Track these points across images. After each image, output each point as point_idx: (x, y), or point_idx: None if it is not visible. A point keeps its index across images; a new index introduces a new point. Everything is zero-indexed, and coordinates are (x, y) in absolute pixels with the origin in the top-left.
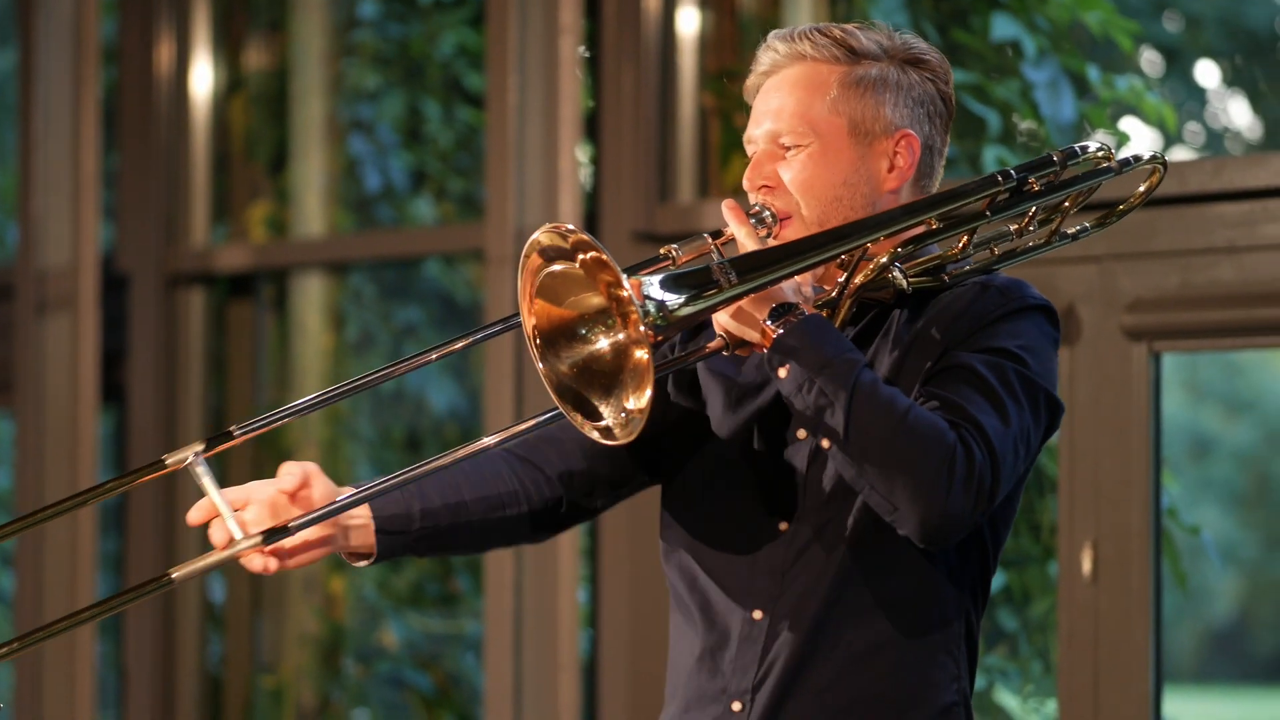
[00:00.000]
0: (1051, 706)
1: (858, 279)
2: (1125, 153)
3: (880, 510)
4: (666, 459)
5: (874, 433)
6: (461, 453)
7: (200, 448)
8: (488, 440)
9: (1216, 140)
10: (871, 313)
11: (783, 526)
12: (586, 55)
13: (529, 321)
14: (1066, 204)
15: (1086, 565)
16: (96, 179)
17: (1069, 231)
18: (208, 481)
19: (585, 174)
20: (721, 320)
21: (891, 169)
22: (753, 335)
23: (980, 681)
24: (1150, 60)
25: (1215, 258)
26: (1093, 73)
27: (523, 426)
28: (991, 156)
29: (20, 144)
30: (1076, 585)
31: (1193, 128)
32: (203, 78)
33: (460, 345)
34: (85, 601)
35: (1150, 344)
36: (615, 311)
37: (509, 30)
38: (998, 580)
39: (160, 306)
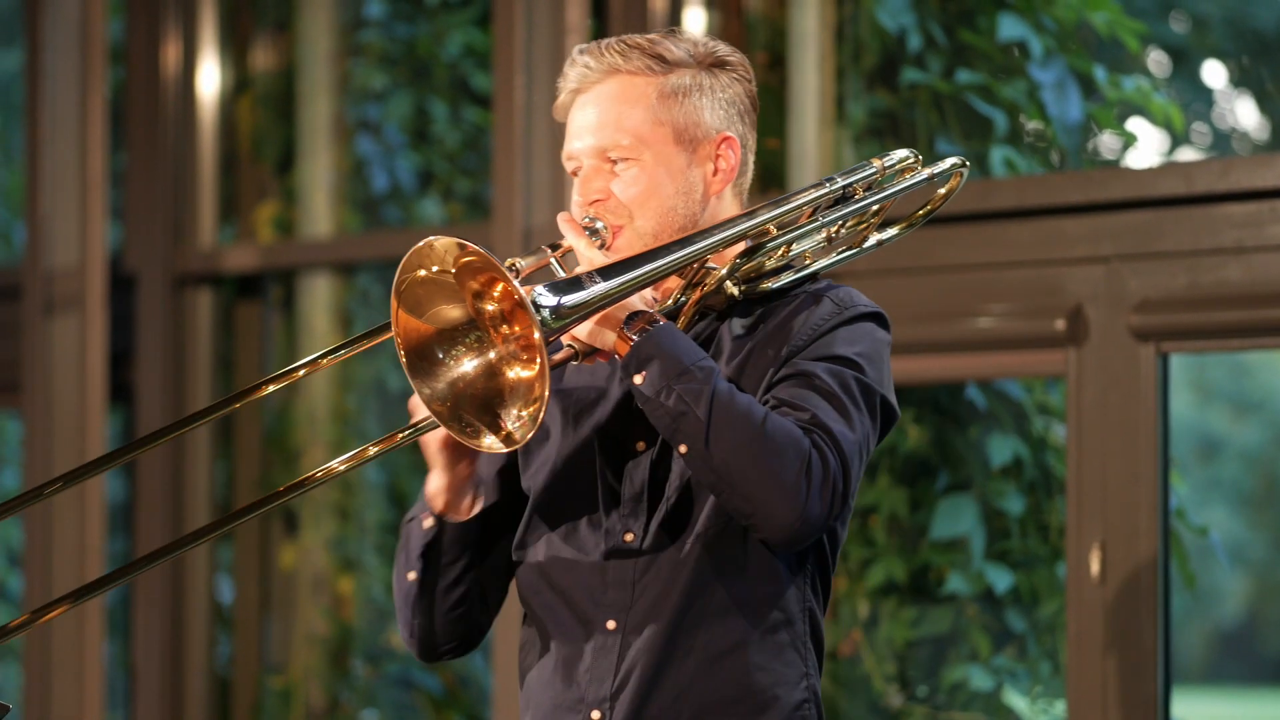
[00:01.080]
0: (1060, 707)
1: (702, 288)
2: (1133, 153)
3: (738, 515)
4: (514, 477)
5: (734, 439)
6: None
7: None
8: (372, 450)
9: (1224, 141)
10: (702, 321)
11: (628, 537)
12: None
13: (396, 332)
14: (878, 210)
15: (1095, 566)
16: (104, 179)
17: (875, 238)
18: None
19: None
20: (577, 330)
21: (716, 172)
22: (608, 341)
23: (989, 682)
24: (1157, 60)
25: (1223, 258)
26: (1099, 73)
27: (399, 438)
28: (999, 157)
29: (27, 144)
30: (1085, 586)
31: (1200, 128)
32: (210, 78)
33: (334, 359)
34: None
35: (1158, 345)
36: (497, 320)
37: (516, 30)
38: (1006, 581)
39: (168, 307)
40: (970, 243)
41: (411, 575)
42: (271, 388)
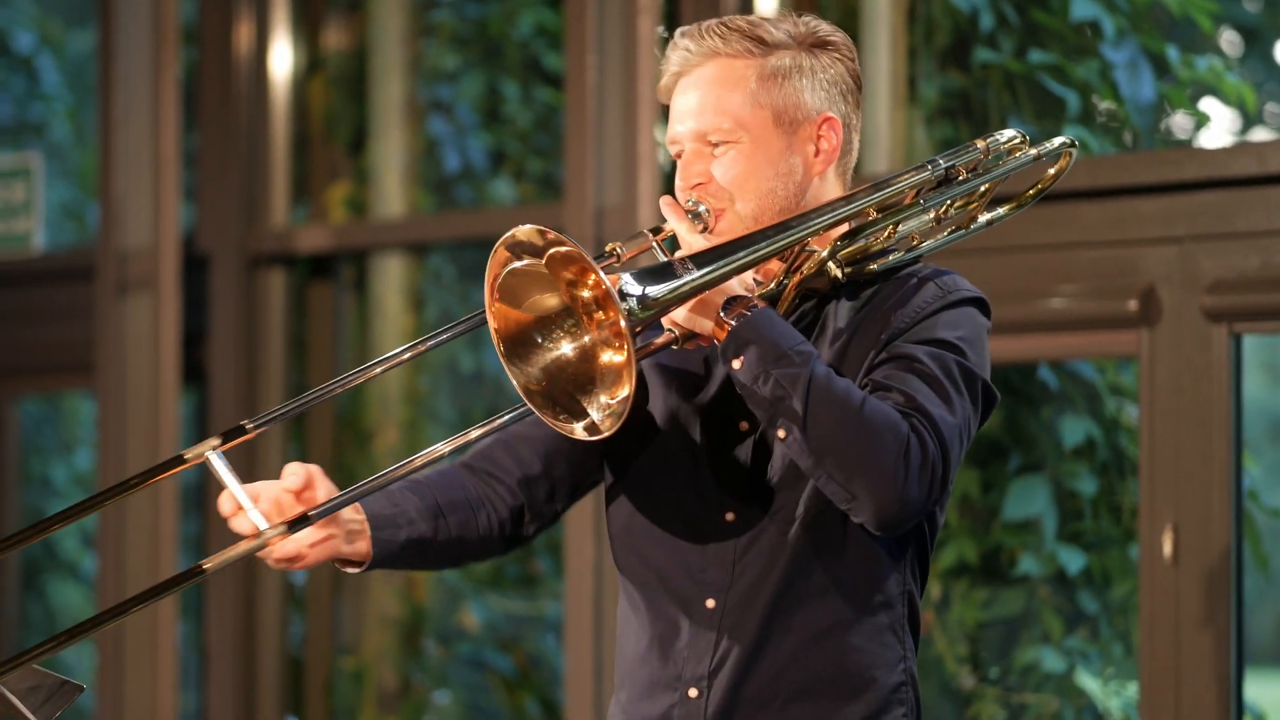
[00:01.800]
0: (1133, 689)
1: (801, 271)
2: (1206, 133)
3: (836, 499)
4: (615, 454)
5: (831, 423)
6: (418, 460)
7: (217, 443)
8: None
9: None
10: (806, 304)
11: (729, 516)
12: (665, 35)
13: (492, 324)
14: (985, 190)
15: (1167, 548)
16: (177, 160)
17: (985, 218)
18: (227, 476)
19: (664, 154)
20: (675, 314)
21: (818, 154)
22: (705, 327)
23: (1061, 664)
24: (1230, 40)
25: None
26: (1172, 53)
27: (497, 423)
28: (1071, 137)
29: (101, 125)
30: (1157, 568)
31: (1272, 108)
32: (282, 58)
33: (425, 347)
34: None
35: (1230, 325)
36: (590, 307)
37: (587, 10)
38: (1078, 562)
39: (241, 287)
40: (1043, 223)
41: None
42: (380, 369)
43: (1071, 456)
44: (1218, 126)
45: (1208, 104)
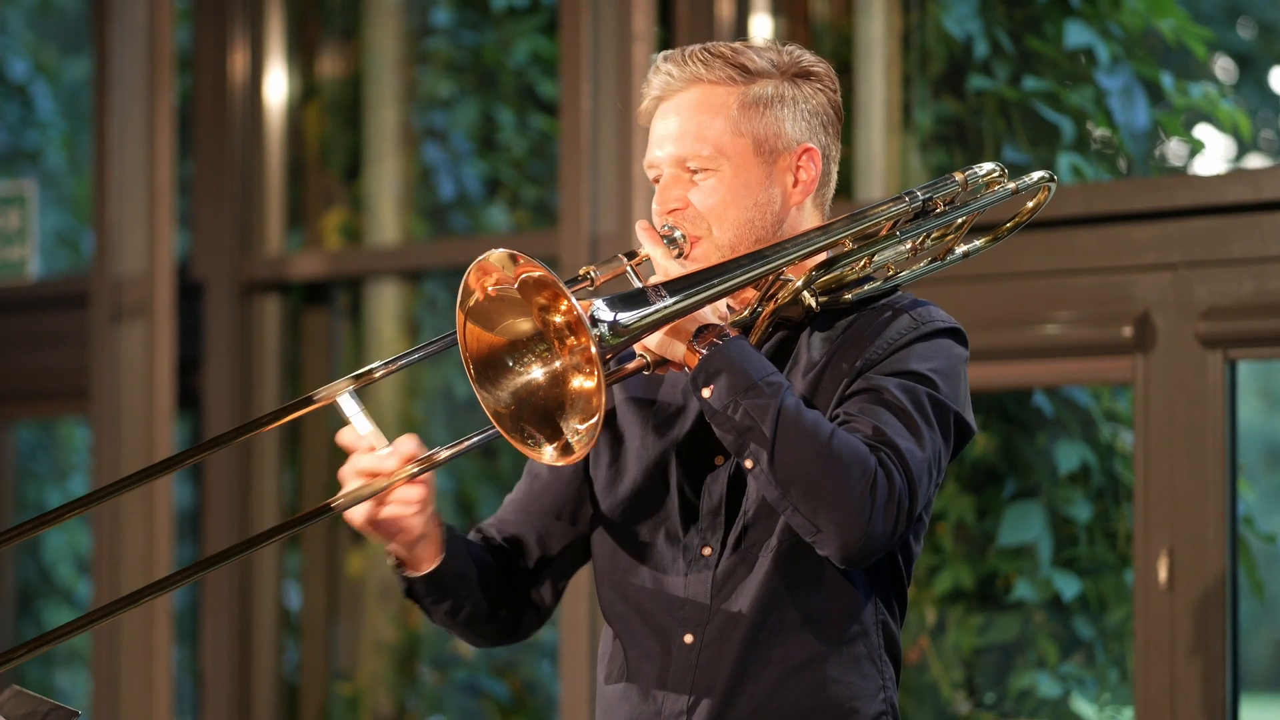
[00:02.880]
0: (1128, 715)
1: (776, 300)
2: (1200, 160)
3: (802, 531)
4: (590, 493)
5: (799, 456)
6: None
7: (350, 384)
8: (443, 453)
9: None
10: (780, 333)
11: (706, 551)
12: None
13: (463, 346)
14: (963, 223)
15: (1162, 573)
16: (171, 187)
17: (961, 250)
18: (359, 417)
19: None
20: (647, 341)
21: (796, 184)
22: (677, 354)
23: (1056, 689)
24: (1224, 67)
25: None
26: (1166, 80)
27: (465, 444)
28: (1066, 163)
29: (95, 152)
30: (1152, 593)
31: (1267, 135)
32: (277, 86)
33: (396, 366)
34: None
35: (1225, 351)
36: (562, 332)
37: (582, 37)
38: (1074, 588)
39: (235, 314)
40: (1037, 250)
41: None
42: (349, 386)
43: (1066, 482)
44: (1212, 153)
45: (1202, 131)
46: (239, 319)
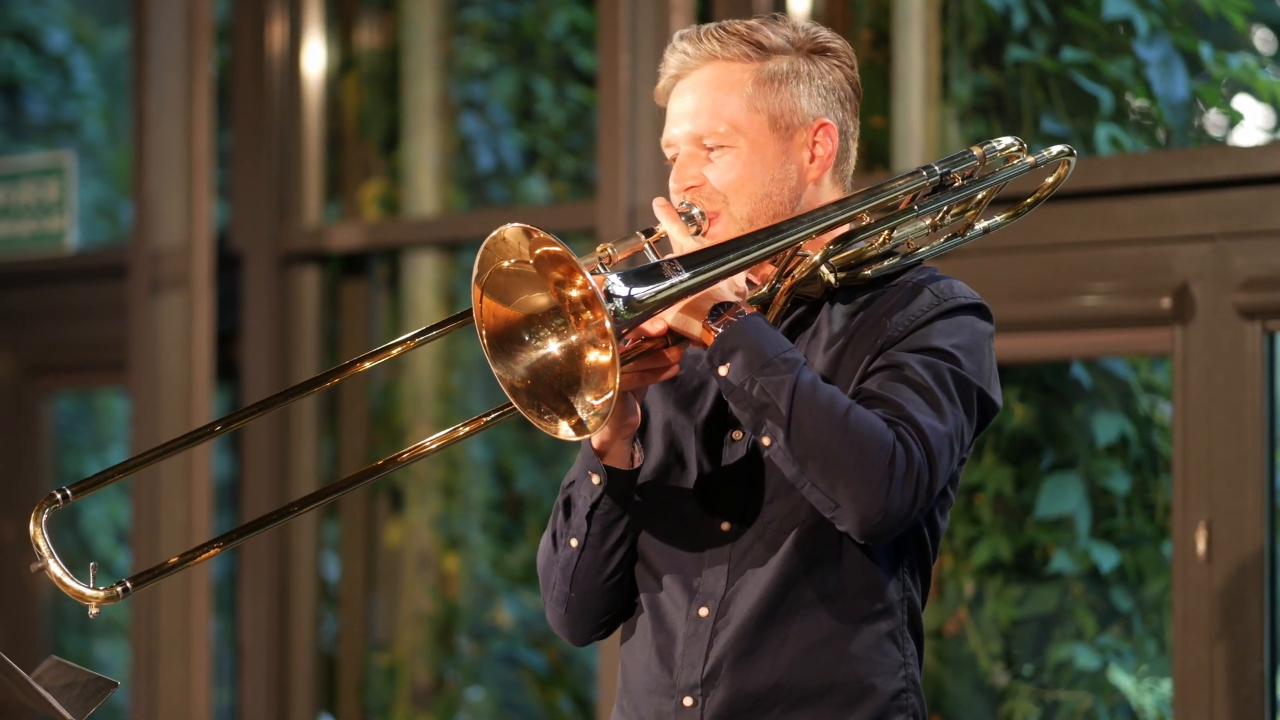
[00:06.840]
0: (1166, 686)
1: (794, 275)
2: (1239, 131)
3: (821, 507)
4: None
5: (815, 432)
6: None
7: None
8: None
9: None
10: (799, 309)
11: (725, 526)
12: None
13: (479, 321)
14: (982, 197)
15: (1201, 545)
16: (210, 158)
17: (982, 225)
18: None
19: None
20: (664, 316)
21: (813, 159)
22: (693, 331)
23: (1095, 661)
24: (1263, 38)
25: None
26: (1205, 51)
27: (484, 421)
28: (1104, 135)
29: (134, 124)
30: (1191, 565)
31: None
32: (315, 57)
33: (414, 343)
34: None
35: (1264, 323)
36: (578, 307)
37: (621, 8)
38: (1112, 560)
39: (273, 285)
40: (1076, 221)
41: (574, 541)
42: (368, 364)
43: (1105, 454)
44: (1251, 124)
45: (1241, 102)
46: (277, 290)
